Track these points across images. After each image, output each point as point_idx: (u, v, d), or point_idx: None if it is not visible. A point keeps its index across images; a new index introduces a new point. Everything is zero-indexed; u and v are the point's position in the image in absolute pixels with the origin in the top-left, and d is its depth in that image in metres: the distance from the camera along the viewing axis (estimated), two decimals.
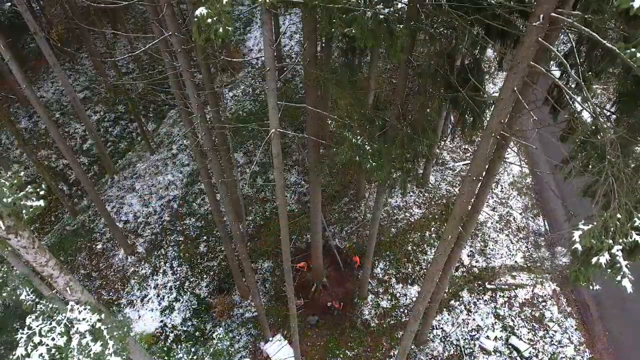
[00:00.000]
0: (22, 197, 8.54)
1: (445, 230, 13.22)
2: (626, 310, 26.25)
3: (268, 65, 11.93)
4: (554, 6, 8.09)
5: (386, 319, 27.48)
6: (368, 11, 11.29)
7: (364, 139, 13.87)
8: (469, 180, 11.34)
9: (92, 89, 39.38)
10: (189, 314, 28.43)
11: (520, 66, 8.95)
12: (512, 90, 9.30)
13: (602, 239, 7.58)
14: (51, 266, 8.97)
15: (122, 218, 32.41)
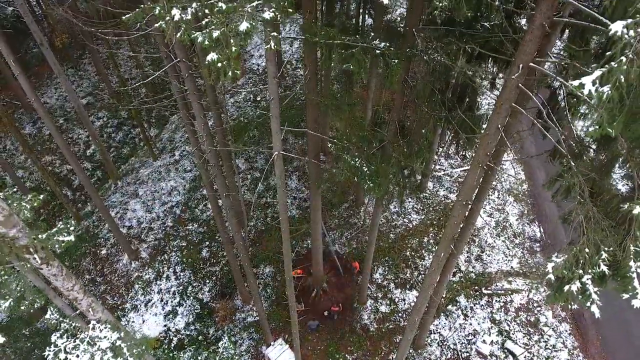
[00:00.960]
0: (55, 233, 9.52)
1: (437, 249, 14.20)
2: (619, 316, 27.22)
3: (272, 95, 12.90)
4: (531, 57, 9.05)
5: (385, 323, 28.44)
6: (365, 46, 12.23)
7: (361, 161, 14.83)
8: (459, 205, 12.32)
9: (95, 95, 40.32)
10: (192, 318, 29.37)
11: (503, 107, 9.91)
12: (496, 127, 10.25)
13: (573, 269, 8.56)
14: (76, 290, 9.94)
15: (126, 224, 33.36)
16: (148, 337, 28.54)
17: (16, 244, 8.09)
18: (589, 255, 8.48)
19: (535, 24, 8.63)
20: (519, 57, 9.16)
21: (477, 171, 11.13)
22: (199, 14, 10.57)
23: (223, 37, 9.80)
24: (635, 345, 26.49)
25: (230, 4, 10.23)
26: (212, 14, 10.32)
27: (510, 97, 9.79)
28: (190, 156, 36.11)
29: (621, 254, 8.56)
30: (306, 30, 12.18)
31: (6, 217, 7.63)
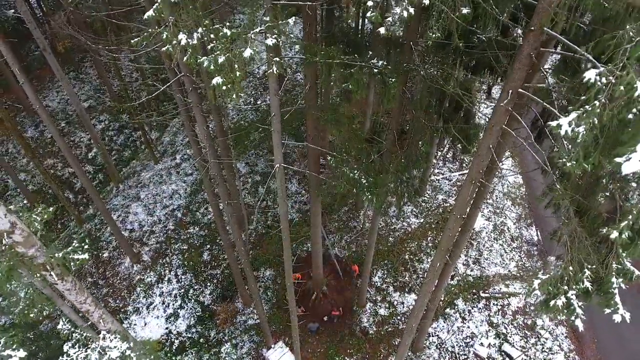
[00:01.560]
0: (70, 252, 10.11)
1: (433, 259, 14.83)
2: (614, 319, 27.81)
3: (274, 111, 13.51)
4: (520, 84, 9.65)
5: (384, 326, 29.07)
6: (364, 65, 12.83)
7: (360, 173, 15.44)
8: (454, 218, 12.94)
9: (97, 98, 40.90)
10: (193, 321, 29.98)
11: (494, 129, 10.51)
12: (487, 147, 10.86)
13: (558, 286, 9.17)
14: (88, 303, 10.53)
15: (128, 227, 33.97)
16: (150, 340, 29.20)
17: (34, 262, 8.69)
18: (573, 273, 9.09)
19: (523, 54, 9.23)
20: (508, 83, 9.76)
21: (470, 187, 11.73)
22: (204, 38, 11.16)
23: (228, 62, 10.38)
24: (629, 348, 27.12)
25: (235, 30, 10.82)
26: (217, 38, 10.91)
27: (500, 120, 10.39)
28: (191, 159, 36.71)
29: (604, 271, 9.16)
30: (306, 50, 12.76)
31: (25, 238, 8.23)
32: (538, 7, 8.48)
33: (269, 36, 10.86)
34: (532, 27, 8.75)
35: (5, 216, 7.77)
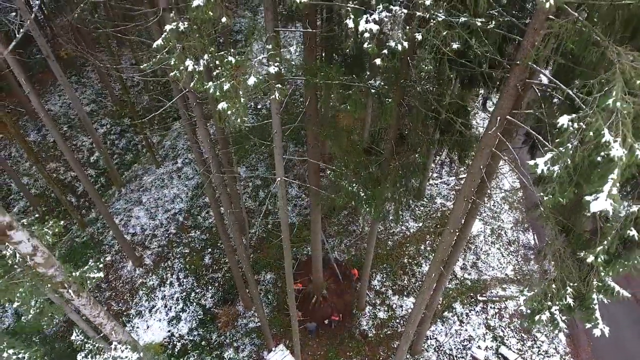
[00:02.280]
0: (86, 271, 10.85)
1: (428, 270, 15.59)
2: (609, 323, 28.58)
3: (275, 128, 14.26)
4: (508, 111, 10.39)
5: (383, 329, 29.83)
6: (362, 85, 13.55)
7: (358, 187, 16.18)
8: (448, 233, 13.69)
9: (99, 102, 41.62)
10: (195, 324, 30.74)
11: (484, 151, 11.25)
12: (478, 168, 11.60)
13: (542, 302, 9.92)
14: (101, 316, 11.28)
15: (130, 230, 34.71)
16: (153, 343, 29.96)
17: (53, 280, 9.43)
18: (556, 290, 9.84)
19: (510, 85, 9.96)
20: (496, 110, 10.49)
21: (463, 204, 12.47)
22: (210, 65, 11.88)
23: (233, 89, 11.10)
24: (624, 350, 27.88)
25: (239, 57, 11.54)
26: (222, 65, 11.62)
27: (489, 143, 11.13)
28: (192, 164, 37.43)
29: (585, 288, 9.91)
30: (307, 72, 13.49)
31: (46, 259, 8.97)
32: (522, 43, 9.20)
33: (272, 64, 11.56)
34: (517, 61, 9.47)
35: (28, 240, 8.50)
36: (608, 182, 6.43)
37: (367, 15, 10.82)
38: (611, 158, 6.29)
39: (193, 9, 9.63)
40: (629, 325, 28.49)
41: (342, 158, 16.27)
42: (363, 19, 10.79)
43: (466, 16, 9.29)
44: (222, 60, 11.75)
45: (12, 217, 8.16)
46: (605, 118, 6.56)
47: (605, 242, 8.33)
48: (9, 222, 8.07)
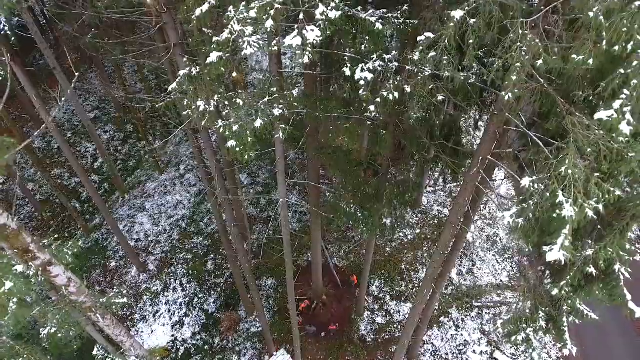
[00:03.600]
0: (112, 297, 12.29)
1: (421, 286, 17.04)
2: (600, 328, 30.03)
3: (278, 155, 15.73)
4: (489, 152, 11.80)
5: (381, 334, 31.29)
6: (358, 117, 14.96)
7: (356, 208, 17.62)
8: (438, 253, 15.14)
9: (102, 109, 43.00)
10: (198, 328, 32.18)
11: (469, 185, 12.67)
12: (464, 199, 13.02)
13: (517, 324, 11.36)
14: (122, 334, 12.70)
15: (134, 236, 36.13)
16: (157, 347, 31.41)
17: (83, 306, 10.85)
18: (530, 314, 11.28)
19: (490, 131, 11.37)
20: (478, 152, 11.91)
21: (450, 230, 13.90)
22: (220, 105, 13.28)
23: (241, 129, 12.48)
24: (613, 355, 29.38)
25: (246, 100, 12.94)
26: (230, 105, 13.03)
27: (474, 177, 12.55)
28: (194, 170, 38.83)
29: (556, 312, 11.35)
30: (308, 106, 14.89)
31: (78, 288, 10.40)
32: (499, 97, 10.60)
33: (276, 106, 12.96)
34: (495, 111, 10.88)
35: (64, 273, 9.92)
36: (561, 237, 7.83)
37: (363, 65, 12.23)
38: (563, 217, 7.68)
39: (207, 65, 10.99)
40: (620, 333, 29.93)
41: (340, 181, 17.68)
42: (359, 67, 12.21)
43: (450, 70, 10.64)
44: (230, 101, 13.18)
45: (51, 255, 9.58)
46: (560, 181, 7.95)
47: (569, 277, 9.74)
48: (49, 259, 9.48)
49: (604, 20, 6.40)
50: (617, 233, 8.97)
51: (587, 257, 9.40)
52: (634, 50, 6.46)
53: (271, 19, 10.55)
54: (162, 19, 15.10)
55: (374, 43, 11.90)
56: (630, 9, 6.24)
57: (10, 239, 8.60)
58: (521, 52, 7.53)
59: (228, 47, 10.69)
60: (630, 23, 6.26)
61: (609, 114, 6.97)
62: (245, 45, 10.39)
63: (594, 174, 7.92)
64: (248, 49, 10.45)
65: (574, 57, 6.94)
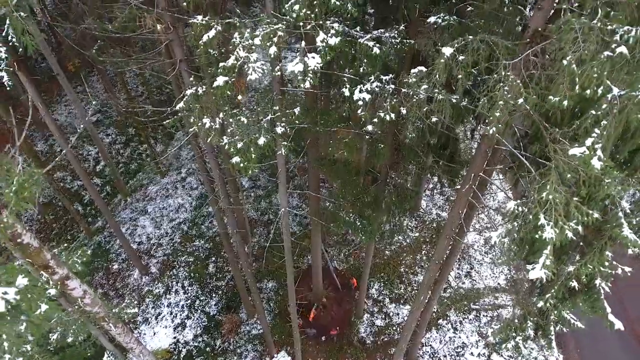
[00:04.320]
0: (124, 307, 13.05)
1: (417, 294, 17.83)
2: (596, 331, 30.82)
3: (280, 167, 16.52)
4: (481, 169, 12.57)
5: (380, 336, 32.10)
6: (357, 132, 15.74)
7: (355, 217, 18.41)
8: (434, 262, 15.93)
9: (104, 112, 43.76)
10: (199, 330, 32.96)
11: (462, 200, 13.44)
12: (457, 212, 13.80)
13: (507, 333, 12.15)
14: (132, 342, 13.47)
15: (136, 239, 36.91)
16: (160, 349, 32.21)
17: (97, 316, 11.62)
18: (519, 323, 12.07)
19: (481, 150, 12.14)
20: (471, 168, 12.68)
21: (444, 242, 14.69)
22: (224, 123, 14.05)
23: (245, 146, 13.26)
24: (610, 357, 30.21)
25: (250, 117, 13.72)
26: (235, 123, 13.79)
27: (468, 192, 13.33)
28: (196, 173, 39.61)
29: (543, 322, 12.14)
30: (309, 120, 15.67)
31: (92, 299, 11.18)
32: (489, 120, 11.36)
33: (278, 124, 13.73)
34: (485, 133, 11.64)
35: (80, 286, 10.68)
36: (543, 256, 8.60)
37: (361, 86, 13.00)
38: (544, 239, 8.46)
39: (214, 89, 11.75)
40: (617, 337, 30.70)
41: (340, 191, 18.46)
42: (357, 88, 12.98)
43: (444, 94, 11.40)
44: (235, 118, 13.94)
45: (69, 269, 10.35)
46: (542, 205, 8.72)
47: (553, 291, 10.53)
48: (66, 274, 10.25)
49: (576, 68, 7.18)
50: (596, 251, 9.76)
51: (570, 273, 10.18)
52: (603, 94, 7.23)
53: (274, 46, 11.33)
54: (169, 36, 15.84)
55: (372, 65, 12.64)
56: (600, 58, 7.02)
57: (33, 256, 9.37)
58: (504, 91, 8.32)
59: (234, 72, 11.45)
60: (600, 70, 7.03)
61: (582, 151, 7.74)
62: (250, 71, 11.15)
63: (573, 197, 8.69)
64: (253, 75, 11.21)
65: (550, 98, 7.72)
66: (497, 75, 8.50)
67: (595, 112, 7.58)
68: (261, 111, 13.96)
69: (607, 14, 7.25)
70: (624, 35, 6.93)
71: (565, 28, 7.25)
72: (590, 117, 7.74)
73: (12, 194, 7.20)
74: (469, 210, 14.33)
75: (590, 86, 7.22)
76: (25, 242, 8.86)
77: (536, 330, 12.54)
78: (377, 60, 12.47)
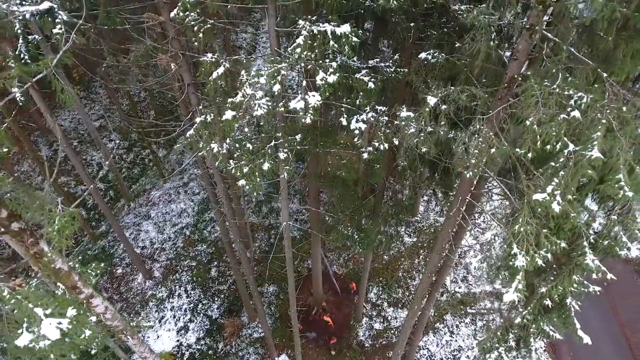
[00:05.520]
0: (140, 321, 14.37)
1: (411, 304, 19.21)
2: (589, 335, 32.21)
3: (282, 185, 17.88)
4: (468, 192, 13.93)
5: (379, 339, 33.50)
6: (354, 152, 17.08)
7: (352, 230, 19.78)
8: (426, 276, 17.30)
9: (107, 118, 45.11)
10: (202, 333, 34.33)
11: (450, 221, 14.80)
12: (447, 231, 15.16)
13: (491, 344, 13.52)
14: (146, 352, 14.82)
15: (140, 244, 38.29)
16: (164, 352, 33.60)
17: (116, 329, 13.00)
18: (501, 335, 13.44)
19: (467, 179, 13.48)
20: (458, 193, 14.03)
21: (436, 257, 16.07)
22: (231, 148, 15.38)
23: (251, 171, 14.60)
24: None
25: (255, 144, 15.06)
26: (241, 148, 15.14)
27: (457, 213, 14.68)
28: (198, 179, 40.97)
29: (524, 334, 13.51)
30: (310, 142, 17.01)
31: (113, 314, 12.56)
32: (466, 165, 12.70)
33: (281, 150, 15.07)
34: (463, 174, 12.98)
35: (102, 303, 12.06)
36: (515, 281, 9.96)
37: (357, 116, 14.35)
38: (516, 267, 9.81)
39: (223, 122, 13.08)
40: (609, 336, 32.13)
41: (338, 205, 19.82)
42: (354, 118, 14.33)
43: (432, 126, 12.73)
44: (240, 144, 15.29)
45: (92, 289, 11.72)
46: (515, 236, 10.08)
47: (529, 308, 11.89)
48: (91, 293, 11.62)
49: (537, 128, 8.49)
50: (565, 275, 11.11)
51: (543, 293, 11.52)
52: (561, 150, 8.52)
53: (278, 84, 12.68)
54: (177, 62, 17.17)
55: (367, 97, 13.98)
56: (557, 120, 8.32)
57: (63, 278, 10.75)
58: (478, 142, 9.63)
59: (241, 107, 12.78)
60: (557, 130, 8.34)
61: (544, 196, 9.06)
62: (256, 107, 12.50)
63: (543, 229, 10.02)
64: (259, 110, 12.55)
65: (517, 150, 9.04)
66: (473, 127, 9.84)
67: (554, 164, 8.92)
68: (265, 137, 15.25)
69: (565, 79, 8.56)
70: (577, 101, 8.26)
71: (528, 94, 8.58)
72: (550, 167, 9.06)
73: (56, 233, 8.55)
74: (459, 229, 15.68)
75: (550, 142, 8.53)
76: (58, 267, 10.25)
77: (518, 341, 13.91)
78: (372, 94, 13.80)
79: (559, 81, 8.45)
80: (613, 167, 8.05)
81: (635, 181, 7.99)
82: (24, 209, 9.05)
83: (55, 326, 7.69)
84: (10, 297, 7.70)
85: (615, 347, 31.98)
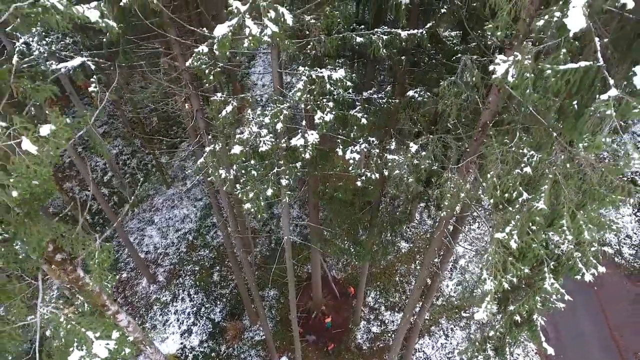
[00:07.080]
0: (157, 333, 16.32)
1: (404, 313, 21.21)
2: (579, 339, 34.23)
3: (283, 206, 19.85)
4: (451, 216, 15.89)
5: (376, 342, 35.49)
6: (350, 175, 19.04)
7: (349, 244, 21.77)
8: (417, 288, 19.29)
9: (111, 124, 47.07)
10: (205, 336, 36.32)
11: (436, 242, 16.77)
12: (434, 250, 17.13)
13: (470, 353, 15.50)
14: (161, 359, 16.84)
15: (144, 249, 40.28)
16: (167, 354, 35.59)
17: (136, 340, 14.98)
18: (479, 344, 15.43)
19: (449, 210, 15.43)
20: (441, 217, 15.99)
21: (425, 271, 18.04)
22: (237, 174, 17.34)
23: (255, 196, 16.56)
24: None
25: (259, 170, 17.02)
26: (247, 174, 17.10)
27: (441, 236, 16.65)
28: (200, 185, 42.93)
29: (500, 344, 15.50)
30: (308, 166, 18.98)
31: (134, 327, 14.56)
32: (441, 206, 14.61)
33: (282, 177, 17.04)
34: None
35: (125, 318, 14.05)
36: (484, 302, 11.91)
37: (352, 147, 16.32)
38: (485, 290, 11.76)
39: (231, 155, 15.03)
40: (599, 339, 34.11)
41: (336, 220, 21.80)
42: (349, 149, 16.30)
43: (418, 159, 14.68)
44: (246, 170, 17.25)
45: (118, 306, 13.72)
46: (485, 264, 12.04)
47: (502, 322, 13.87)
48: (117, 310, 13.63)
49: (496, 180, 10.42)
50: (531, 295, 13.05)
51: (512, 311, 13.48)
52: (516, 197, 10.45)
53: (280, 122, 14.64)
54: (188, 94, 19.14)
55: (361, 131, 15.95)
56: (513, 174, 10.25)
57: (94, 298, 12.75)
58: (450, 187, 11.58)
59: (248, 143, 14.74)
60: (513, 182, 10.26)
61: (503, 235, 10.99)
62: (262, 144, 14.46)
63: (509, 257, 11.96)
64: (264, 147, 14.51)
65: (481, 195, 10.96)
66: (445, 175, 11.79)
67: (511, 208, 10.84)
68: (268, 164, 17.18)
69: (521, 138, 10.46)
70: (529, 159, 10.17)
71: (489, 151, 10.51)
72: (508, 212, 10.99)
73: (96, 266, 10.54)
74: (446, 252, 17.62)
75: (507, 191, 10.45)
76: (91, 289, 12.24)
77: (496, 350, 15.86)
78: (364, 128, 15.76)
79: (516, 140, 10.39)
80: (559, 213, 9.97)
81: (576, 225, 9.91)
82: (67, 243, 11.04)
83: (104, 346, 9.64)
84: (66, 322, 9.64)
85: (604, 350, 33.96)
